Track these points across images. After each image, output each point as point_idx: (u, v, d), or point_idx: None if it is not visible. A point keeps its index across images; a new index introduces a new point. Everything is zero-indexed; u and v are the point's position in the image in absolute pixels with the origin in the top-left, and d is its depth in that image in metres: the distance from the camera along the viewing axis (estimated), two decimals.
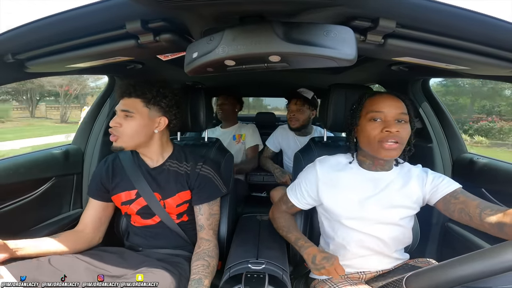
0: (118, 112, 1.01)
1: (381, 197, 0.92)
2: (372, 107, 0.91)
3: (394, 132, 0.85)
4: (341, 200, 0.95)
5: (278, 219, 1.09)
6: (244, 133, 2.23)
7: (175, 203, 1.07)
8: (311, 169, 1.02)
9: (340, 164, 1.00)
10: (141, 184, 1.06)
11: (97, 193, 1.09)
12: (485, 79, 1.01)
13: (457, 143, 1.42)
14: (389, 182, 0.94)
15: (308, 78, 2.03)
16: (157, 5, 0.54)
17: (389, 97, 0.91)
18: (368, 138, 0.90)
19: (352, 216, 0.93)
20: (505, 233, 0.70)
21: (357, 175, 0.96)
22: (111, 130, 1.00)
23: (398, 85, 1.53)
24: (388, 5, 0.57)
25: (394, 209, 0.91)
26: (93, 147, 1.45)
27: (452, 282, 0.55)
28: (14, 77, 0.92)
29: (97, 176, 1.11)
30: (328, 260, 0.85)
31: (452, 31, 0.65)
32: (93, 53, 0.77)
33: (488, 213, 0.75)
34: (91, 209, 1.09)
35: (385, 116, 0.88)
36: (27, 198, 1.16)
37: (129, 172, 1.08)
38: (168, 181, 1.07)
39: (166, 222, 1.08)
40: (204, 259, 0.97)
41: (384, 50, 0.71)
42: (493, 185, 1.21)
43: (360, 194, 0.93)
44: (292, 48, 0.54)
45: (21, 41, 0.76)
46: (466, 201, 0.82)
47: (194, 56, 0.60)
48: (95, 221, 1.08)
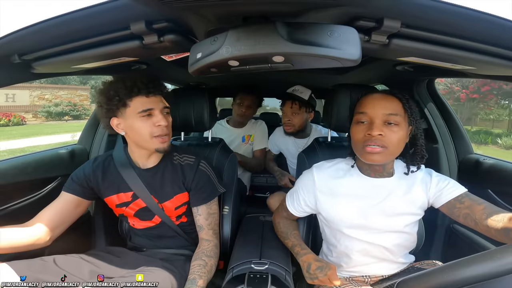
0: (157, 111, 0.95)
1: (384, 206, 0.87)
2: (358, 108, 0.86)
3: (375, 135, 0.79)
4: (341, 209, 0.90)
5: (278, 225, 1.09)
6: (253, 134, 2.11)
7: (174, 205, 1.05)
8: (308, 177, 0.97)
9: (339, 171, 0.95)
10: (138, 186, 1.02)
11: (77, 188, 1.01)
12: (491, 79, 1.00)
13: (463, 144, 1.41)
14: (392, 189, 0.88)
15: (312, 78, 2.02)
16: (160, 5, 0.54)
17: (378, 97, 0.84)
18: (353, 142, 0.87)
19: (354, 226, 0.90)
20: (510, 239, 0.67)
21: (357, 183, 0.91)
22: (163, 132, 0.96)
23: (403, 85, 1.51)
24: (392, 5, 0.57)
25: (398, 217, 0.88)
26: (98, 147, 1.47)
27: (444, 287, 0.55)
28: (20, 77, 0.93)
29: (81, 175, 1.02)
30: (322, 270, 0.82)
31: (457, 31, 0.64)
32: (99, 54, 0.78)
33: (494, 218, 0.71)
34: (58, 203, 0.99)
35: (370, 117, 0.82)
36: (34, 197, 1.17)
37: (124, 174, 1.02)
38: (164, 184, 1.04)
39: (167, 222, 1.07)
40: (202, 259, 0.96)
41: (388, 50, 0.70)
42: (499, 186, 1.19)
43: (361, 203, 0.89)
44: (296, 48, 0.53)
45: (28, 42, 0.77)
46: (471, 206, 0.78)
47: (198, 57, 0.61)
48: (56, 215, 0.96)
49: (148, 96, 0.95)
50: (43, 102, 15.24)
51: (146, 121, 0.94)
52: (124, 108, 0.95)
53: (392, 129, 0.80)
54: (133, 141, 1.00)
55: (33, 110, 14.74)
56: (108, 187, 1.03)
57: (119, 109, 0.95)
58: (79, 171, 1.04)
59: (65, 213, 0.98)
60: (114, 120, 0.97)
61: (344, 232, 0.92)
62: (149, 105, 0.94)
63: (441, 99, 1.46)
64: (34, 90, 15.19)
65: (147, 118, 0.95)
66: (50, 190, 1.24)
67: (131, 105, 0.94)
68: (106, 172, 1.04)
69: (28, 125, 13.30)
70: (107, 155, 1.08)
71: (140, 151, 1.02)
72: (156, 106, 0.96)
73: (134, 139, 0.99)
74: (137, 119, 0.94)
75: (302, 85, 1.81)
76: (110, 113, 0.96)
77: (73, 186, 1.01)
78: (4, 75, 0.87)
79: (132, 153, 1.04)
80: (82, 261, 0.94)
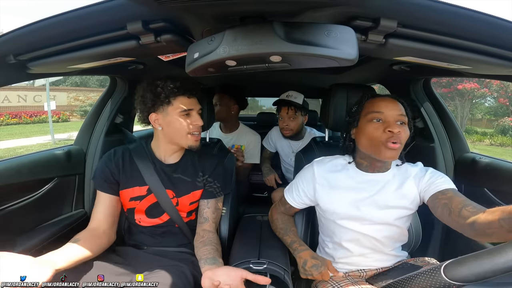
0: (195, 112, 1.05)
1: (376, 198, 0.92)
2: (373, 108, 0.91)
3: (396, 132, 0.85)
4: (337, 200, 0.96)
5: (276, 221, 1.11)
6: (243, 145, 1.99)
7: (189, 201, 1.09)
8: (309, 170, 1.03)
9: (337, 166, 1.01)
10: (153, 180, 1.05)
11: (108, 185, 1.05)
12: (487, 78, 1.01)
13: (459, 143, 1.41)
14: (385, 183, 0.94)
15: (309, 78, 2.02)
16: (156, 5, 0.54)
17: (389, 99, 0.92)
18: (369, 139, 0.90)
19: (348, 217, 0.95)
20: (474, 230, 0.68)
21: (353, 177, 0.97)
22: (198, 130, 1.06)
23: (399, 84, 1.52)
24: (389, 5, 0.57)
25: (389, 209, 0.92)
26: (95, 147, 1.45)
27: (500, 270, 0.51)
28: (16, 78, 0.92)
29: (105, 169, 1.06)
30: (317, 268, 0.91)
31: (453, 31, 0.64)
32: (95, 54, 0.78)
33: (469, 210, 0.72)
34: (102, 205, 1.04)
35: (386, 117, 0.88)
36: (30, 198, 1.16)
37: (141, 167, 1.06)
38: (184, 180, 1.09)
39: (175, 219, 1.08)
40: (212, 245, 0.99)
41: (385, 49, 0.71)
42: (495, 184, 1.20)
43: (356, 195, 0.94)
44: (293, 48, 0.53)
45: (23, 42, 0.76)
46: (452, 197, 0.79)
47: (195, 57, 0.61)
48: (109, 216, 1.04)
49: (190, 97, 1.04)
50: (78, 103, 17.72)
51: (185, 120, 1.03)
52: (166, 106, 1.02)
53: (403, 128, 0.88)
54: (167, 137, 1.07)
55: (70, 109, 16.99)
56: (126, 180, 1.07)
57: (162, 106, 1.03)
58: (103, 168, 1.07)
59: (112, 211, 1.06)
60: (153, 115, 1.05)
61: (338, 223, 0.97)
62: (189, 105, 1.04)
63: (437, 99, 1.47)
64: (70, 92, 18.05)
65: (186, 117, 1.04)
66: (47, 191, 1.23)
67: (174, 104, 1.02)
68: (125, 165, 1.08)
69: (72, 121, 15.58)
70: (124, 149, 1.12)
71: (169, 146, 1.09)
72: (195, 107, 1.05)
73: (169, 135, 1.06)
74: (177, 116, 1.03)
75: (298, 85, 1.86)
76: (152, 108, 1.04)
77: (102, 185, 1.06)
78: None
79: (157, 148, 1.10)
80: None
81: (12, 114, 13.93)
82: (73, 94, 17.91)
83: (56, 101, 10.88)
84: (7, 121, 13.35)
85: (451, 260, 0.58)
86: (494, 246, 0.54)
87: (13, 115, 13.91)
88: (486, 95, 14.38)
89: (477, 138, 12.09)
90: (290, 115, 1.82)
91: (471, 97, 13.67)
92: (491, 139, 11.67)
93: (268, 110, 5.25)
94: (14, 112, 14.28)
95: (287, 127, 1.85)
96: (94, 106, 1.52)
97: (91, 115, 1.50)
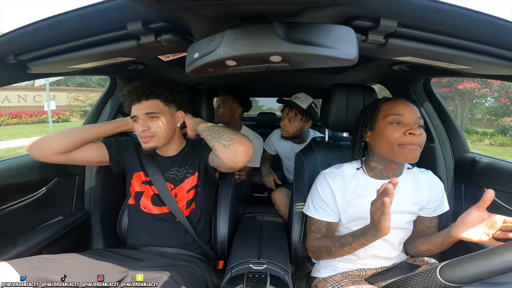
0: (140, 116, 1.06)
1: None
2: (392, 110, 0.90)
3: (418, 135, 0.85)
4: (353, 214, 0.94)
5: (321, 246, 0.96)
6: None
7: (186, 188, 1.12)
8: (323, 183, 0.98)
9: (347, 176, 0.98)
10: (154, 173, 1.12)
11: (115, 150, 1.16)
12: (487, 78, 1.01)
13: (459, 143, 1.41)
14: (398, 188, 0.87)
15: (309, 78, 2.02)
16: (156, 5, 0.54)
17: (407, 103, 0.92)
18: (388, 141, 0.88)
19: (361, 224, 0.88)
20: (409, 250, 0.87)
21: (365, 185, 0.95)
22: (141, 134, 1.06)
23: (399, 85, 1.52)
24: (389, 5, 0.57)
25: (401, 214, 0.93)
26: None
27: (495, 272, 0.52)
28: (16, 78, 0.92)
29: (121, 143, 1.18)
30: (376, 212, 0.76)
31: (454, 31, 0.64)
32: (95, 54, 0.78)
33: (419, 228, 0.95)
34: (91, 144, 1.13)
35: (406, 119, 0.88)
36: (30, 198, 1.16)
37: (145, 161, 1.15)
38: (179, 170, 1.14)
39: (175, 213, 1.09)
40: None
41: (385, 49, 0.71)
42: (495, 185, 1.20)
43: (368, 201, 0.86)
44: (293, 48, 0.53)
45: (23, 42, 0.76)
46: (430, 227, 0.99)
47: (195, 57, 0.60)
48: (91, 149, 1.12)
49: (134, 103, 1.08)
50: (78, 103, 17.73)
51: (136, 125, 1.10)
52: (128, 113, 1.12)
53: (422, 130, 0.88)
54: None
55: (70, 109, 17.02)
56: (139, 164, 1.16)
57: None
58: (121, 140, 1.20)
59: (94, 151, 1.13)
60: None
61: (351, 229, 0.93)
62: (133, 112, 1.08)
63: (437, 99, 1.47)
64: (70, 92, 18.05)
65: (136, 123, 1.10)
66: (47, 191, 1.23)
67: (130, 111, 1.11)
68: (139, 151, 1.17)
69: (72, 121, 15.55)
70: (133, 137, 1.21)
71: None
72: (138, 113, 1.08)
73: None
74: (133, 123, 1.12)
75: (298, 85, 1.82)
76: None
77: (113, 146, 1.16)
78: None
79: None
80: (82, 260, 0.94)
81: (12, 114, 13.99)
82: (73, 94, 17.95)
83: (56, 101, 10.93)
84: (7, 121, 13.39)
85: (447, 262, 0.59)
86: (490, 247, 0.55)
87: (13, 115, 13.96)
88: (487, 95, 14.37)
89: (477, 138, 12.11)
90: (290, 117, 1.80)
91: (471, 97, 13.69)
92: (491, 139, 11.70)
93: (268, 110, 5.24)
94: (14, 112, 14.33)
95: (284, 127, 1.84)
96: (94, 106, 1.52)
97: (91, 115, 1.50)
